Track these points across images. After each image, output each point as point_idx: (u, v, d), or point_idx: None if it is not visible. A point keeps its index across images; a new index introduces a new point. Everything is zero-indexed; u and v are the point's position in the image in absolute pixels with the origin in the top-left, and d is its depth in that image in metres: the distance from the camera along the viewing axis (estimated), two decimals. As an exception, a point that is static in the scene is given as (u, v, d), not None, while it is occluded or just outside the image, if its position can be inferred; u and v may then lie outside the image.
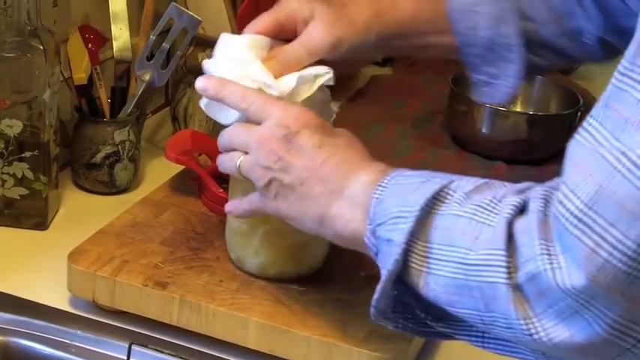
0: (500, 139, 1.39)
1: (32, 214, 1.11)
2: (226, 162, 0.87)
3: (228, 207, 0.91)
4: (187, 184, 1.12)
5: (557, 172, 1.39)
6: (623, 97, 0.62)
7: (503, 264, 0.65)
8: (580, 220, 0.61)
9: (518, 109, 1.51)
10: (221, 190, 1.08)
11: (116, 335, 0.94)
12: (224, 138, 0.87)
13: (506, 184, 0.72)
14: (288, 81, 0.86)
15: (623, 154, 0.60)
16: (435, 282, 0.70)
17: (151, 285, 0.93)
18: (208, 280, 0.95)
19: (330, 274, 0.98)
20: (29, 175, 1.09)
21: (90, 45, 1.18)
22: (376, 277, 0.98)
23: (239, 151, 0.85)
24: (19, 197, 1.10)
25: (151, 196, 1.10)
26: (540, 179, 1.39)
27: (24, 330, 0.95)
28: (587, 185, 0.61)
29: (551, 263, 0.63)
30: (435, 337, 0.80)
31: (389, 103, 1.58)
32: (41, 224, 1.12)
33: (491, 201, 0.69)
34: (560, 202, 0.63)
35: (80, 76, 1.16)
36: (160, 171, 1.23)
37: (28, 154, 1.08)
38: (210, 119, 1.28)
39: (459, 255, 0.68)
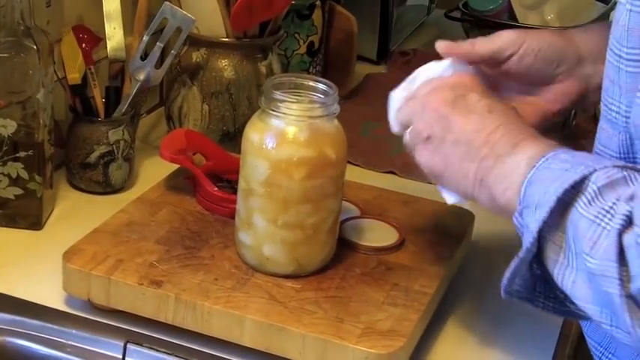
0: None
1: (27, 214, 1.11)
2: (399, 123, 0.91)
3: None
4: (182, 183, 1.12)
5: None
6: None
7: (616, 276, 0.67)
8: None
9: (513, 106, 1.51)
10: (216, 189, 1.08)
11: (111, 334, 0.95)
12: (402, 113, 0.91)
13: (636, 177, 0.71)
14: None
15: None
16: (574, 274, 0.72)
17: (146, 284, 0.93)
18: (203, 278, 0.95)
19: (325, 271, 0.98)
20: (24, 175, 1.09)
21: (84, 45, 1.18)
22: (371, 274, 0.98)
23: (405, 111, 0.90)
24: (13, 197, 1.10)
25: (146, 195, 1.10)
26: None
27: (19, 329, 0.95)
28: None
29: None
30: (574, 318, 0.81)
31: (384, 101, 1.57)
32: (36, 224, 1.12)
33: (614, 204, 0.69)
34: None
35: (74, 76, 1.16)
36: (154, 170, 1.23)
37: (22, 154, 1.08)
38: (205, 118, 1.28)
39: (582, 256, 0.70)
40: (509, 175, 0.79)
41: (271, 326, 0.89)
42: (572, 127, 1.42)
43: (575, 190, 0.72)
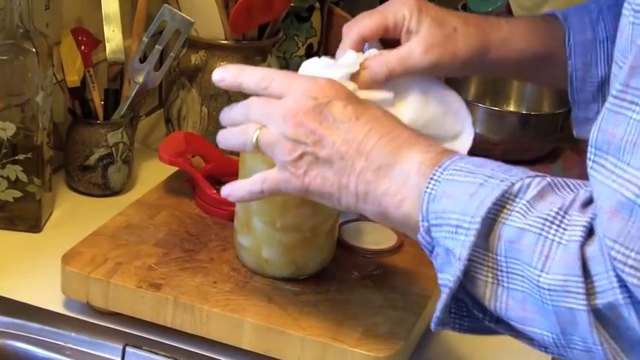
0: (494, 139, 1.39)
1: (26, 217, 1.11)
2: (236, 135, 0.81)
3: (227, 189, 0.85)
4: (181, 185, 1.12)
5: (551, 172, 1.40)
6: (618, 119, 0.62)
7: (582, 291, 0.63)
8: (632, 267, 0.60)
9: (511, 108, 1.51)
10: (214, 192, 1.08)
11: (110, 337, 0.94)
12: (235, 110, 0.82)
13: (568, 183, 0.69)
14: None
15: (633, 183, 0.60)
16: (508, 296, 0.67)
17: (144, 287, 0.93)
18: (202, 281, 0.95)
19: (324, 274, 0.98)
20: (23, 177, 1.09)
21: (82, 47, 1.18)
22: (370, 277, 0.98)
23: (254, 124, 0.80)
24: (12, 200, 1.10)
25: (145, 198, 1.10)
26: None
27: (18, 332, 0.95)
28: (613, 224, 0.61)
29: (630, 298, 0.61)
30: (490, 334, 0.75)
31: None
32: (35, 227, 1.11)
33: (557, 214, 0.65)
34: (608, 247, 0.61)
35: (73, 79, 1.16)
36: (153, 173, 1.23)
37: (21, 156, 1.08)
38: (204, 121, 1.28)
39: (530, 273, 0.65)
40: (400, 187, 0.73)
41: (270, 329, 0.89)
42: (567, 130, 1.42)
43: (497, 207, 0.67)
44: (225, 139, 0.84)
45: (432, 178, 0.71)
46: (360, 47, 0.90)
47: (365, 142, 0.76)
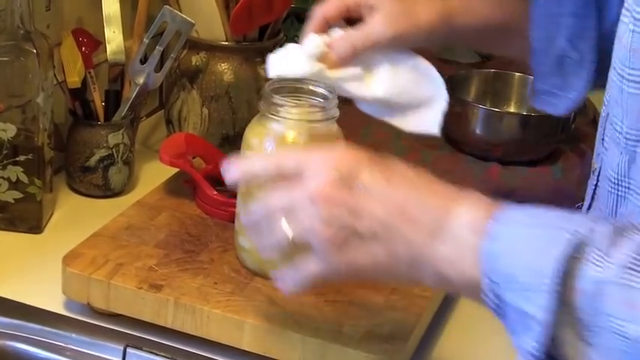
0: (495, 140, 1.39)
1: (27, 218, 1.11)
2: (267, 237, 0.74)
3: (281, 284, 0.77)
4: (182, 186, 1.12)
5: (551, 173, 1.40)
6: None
7: None
8: None
9: (512, 109, 1.51)
10: (215, 193, 1.08)
11: (111, 338, 0.94)
12: (255, 211, 0.76)
13: (632, 223, 0.64)
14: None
15: None
16: (597, 353, 0.62)
17: (145, 288, 0.93)
18: (203, 282, 0.95)
19: (324, 275, 0.98)
20: (23, 178, 1.09)
21: (83, 48, 1.18)
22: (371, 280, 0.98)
23: (279, 216, 0.73)
24: (13, 201, 1.10)
25: (146, 199, 1.10)
26: (535, 180, 1.39)
27: (19, 333, 0.95)
28: None
29: None
30: None
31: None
32: (36, 228, 1.12)
33: (634, 259, 0.61)
34: None
35: (74, 80, 1.16)
36: (154, 174, 1.23)
37: (22, 157, 1.09)
38: (204, 122, 1.28)
39: (618, 327, 0.61)
40: (455, 249, 0.68)
41: (271, 330, 0.89)
42: (572, 130, 1.42)
43: (571, 260, 0.62)
44: (260, 245, 0.77)
45: (487, 234, 0.66)
46: (324, 29, 0.90)
47: (406, 206, 0.70)
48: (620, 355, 0.61)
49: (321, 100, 0.95)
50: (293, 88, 0.96)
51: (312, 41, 0.89)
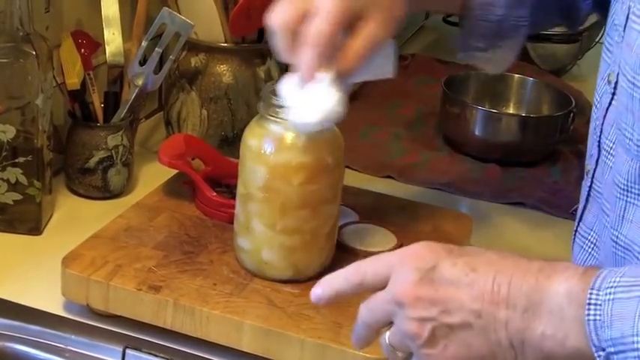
0: (493, 141, 1.39)
1: (26, 220, 1.11)
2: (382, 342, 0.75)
3: None
4: (181, 188, 1.12)
5: (550, 174, 1.40)
6: None
7: None
8: None
9: (511, 110, 1.52)
10: (214, 194, 1.08)
11: (110, 339, 0.95)
12: (358, 329, 0.77)
13: None
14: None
15: None
16: None
17: (144, 289, 0.93)
18: (202, 283, 0.95)
19: (323, 276, 0.98)
20: (23, 180, 1.09)
21: (82, 50, 1.18)
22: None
23: (382, 324, 0.74)
24: (12, 202, 1.10)
25: (145, 201, 1.10)
26: (533, 181, 1.40)
27: (18, 335, 0.95)
28: None
29: None
30: None
31: (382, 106, 1.58)
32: (35, 229, 1.12)
33: None
34: None
35: (73, 82, 1.16)
36: (153, 175, 1.23)
37: (21, 159, 1.09)
38: (204, 123, 1.28)
39: None
40: (558, 324, 0.67)
41: (270, 331, 0.89)
42: (570, 131, 1.42)
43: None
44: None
45: (589, 304, 0.66)
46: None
47: (497, 291, 0.68)
48: None
49: None
50: (292, 89, 0.96)
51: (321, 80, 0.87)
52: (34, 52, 1.05)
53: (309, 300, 0.93)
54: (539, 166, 1.41)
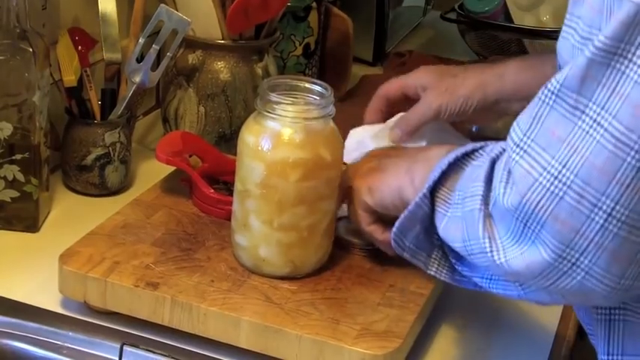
0: (491, 138, 1.39)
1: (23, 217, 1.11)
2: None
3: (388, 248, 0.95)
4: (178, 185, 1.12)
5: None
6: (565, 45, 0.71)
7: (481, 193, 0.75)
8: (519, 146, 0.70)
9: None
10: (212, 191, 1.08)
11: (108, 336, 0.95)
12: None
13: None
14: None
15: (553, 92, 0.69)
16: (448, 221, 0.80)
17: (142, 286, 0.93)
18: (200, 280, 0.95)
19: (321, 272, 0.98)
20: (20, 177, 1.09)
21: (79, 47, 1.18)
22: (367, 276, 0.99)
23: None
24: (9, 200, 1.10)
25: (142, 198, 1.10)
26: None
27: (15, 332, 0.95)
28: (525, 117, 0.71)
29: (504, 187, 0.71)
30: (467, 286, 0.86)
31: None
32: (32, 226, 1.12)
33: (492, 148, 0.79)
34: (510, 135, 0.72)
35: (70, 79, 1.16)
36: (150, 172, 1.23)
37: (18, 156, 1.09)
38: (201, 120, 1.28)
39: (461, 195, 0.78)
40: (425, 167, 0.88)
41: (267, 328, 0.89)
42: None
43: (466, 155, 0.81)
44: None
45: (438, 163, 0.85)
46: (384, 105, 1.11)
47: (412, 156, 0.93)
48: (456, 220, 0.78)
49: (317, 98, 0.95)
50: (289, 86, 0.96)
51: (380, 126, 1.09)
52: (31, 49, 1.05)
53: (307, 297, 0.94)
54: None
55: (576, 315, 0.94)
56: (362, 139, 1.08)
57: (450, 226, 0.80)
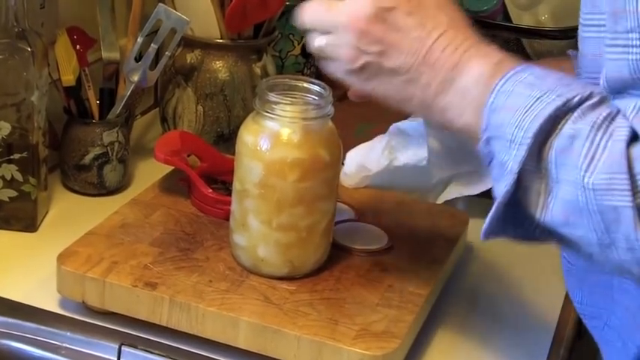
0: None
1: (21, 216, 1.11)
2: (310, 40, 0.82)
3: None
4: (176, 184, 1.12)
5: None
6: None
7: (627, 187, 0.65)
8: None
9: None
10: (210, 191, 1.08)
11: (106, 336, 0.94)
12: (302, 17, 0.82)
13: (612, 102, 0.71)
14: None
15: None
16: (554, 204, 0.69)
17: (140, 286, 0.93)
18: (198, 280, 0.95)
19: (319, 273, 0.98)
20: (18, 177, 1.09)
21: (78, 46, 1.18)
22: (366, 276, 0.98)
23: (317, 30, 0.80)
24: (8, 199, 1.10)
25: (141, 197, 1.10)
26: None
27: (14, 332, 0.95)
28: None
29: None
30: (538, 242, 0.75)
31: (378, 102, 1.57)
32: (30, 226, 1.11)
33: (605, 119, 0.67)
34: None
35: (68, 78, 1.16)
36: (149, 172, 1.23)
37: (16, 156, 1.08)
38: (199, 120, 1.28)
39: (576, 177, 0.67)
40: (461, 101, 0.75)
41: (266, 328, 0.89)
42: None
43: (552, 120, 0.69)
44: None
45: (493, 90, 0.72)
46: None
47: (431, 53, 0.76)
48: (573, 204, 0.68)
49: (316, 98, 0.95)
50: (288, 86, 0.96)
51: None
52: (29, 49, 1.05)
53: (306, 297, 0.94)
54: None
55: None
56: (362, 162, 1.10)
57: (562, 211, 0.69)
